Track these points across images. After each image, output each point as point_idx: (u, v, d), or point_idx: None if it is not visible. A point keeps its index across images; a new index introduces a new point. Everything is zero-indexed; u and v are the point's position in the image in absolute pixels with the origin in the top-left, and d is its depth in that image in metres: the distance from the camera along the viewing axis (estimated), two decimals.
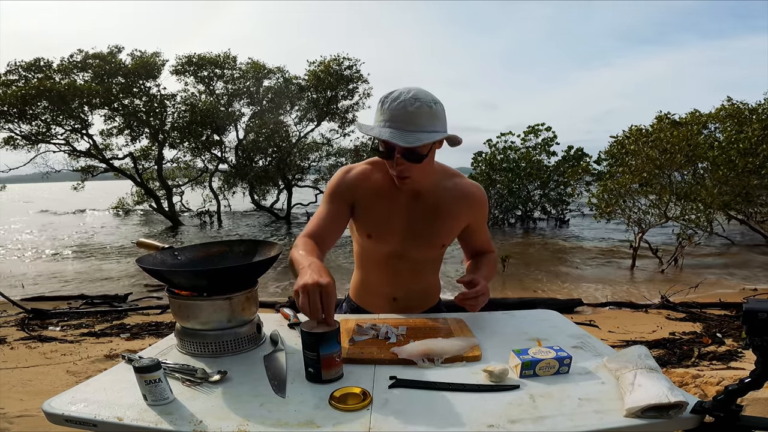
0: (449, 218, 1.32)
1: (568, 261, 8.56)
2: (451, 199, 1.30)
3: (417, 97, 1.14)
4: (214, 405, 0.85)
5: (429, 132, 1.15)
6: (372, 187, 1.30)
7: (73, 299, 5.69)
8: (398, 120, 1.13)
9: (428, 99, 1.15)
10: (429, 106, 1.14)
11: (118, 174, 15.16)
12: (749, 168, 7.10)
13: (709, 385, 2.35)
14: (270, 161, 15.01)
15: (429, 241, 1.33)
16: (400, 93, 1.15)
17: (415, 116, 1.13)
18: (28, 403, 2.42)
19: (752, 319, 0.71)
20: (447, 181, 1.32)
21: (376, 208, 1.30)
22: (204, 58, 14.20)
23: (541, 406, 0.83)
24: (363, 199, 1.31)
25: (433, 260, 1.42)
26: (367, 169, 1.33)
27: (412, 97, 1.13)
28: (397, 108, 1.13)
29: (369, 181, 1.31)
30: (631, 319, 4.41)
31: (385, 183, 1.30)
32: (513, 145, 13.18)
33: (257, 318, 1.17)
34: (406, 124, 1.13)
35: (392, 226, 1.31)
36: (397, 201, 1.30)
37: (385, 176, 1.30)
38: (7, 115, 12.41)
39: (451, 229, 1.35)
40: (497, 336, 1.18)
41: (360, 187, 1.31)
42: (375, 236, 1.33)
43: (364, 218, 1.33)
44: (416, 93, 1.15)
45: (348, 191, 1.31)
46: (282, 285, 6.73)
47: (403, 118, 1.13)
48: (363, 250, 1.41)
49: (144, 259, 1.16)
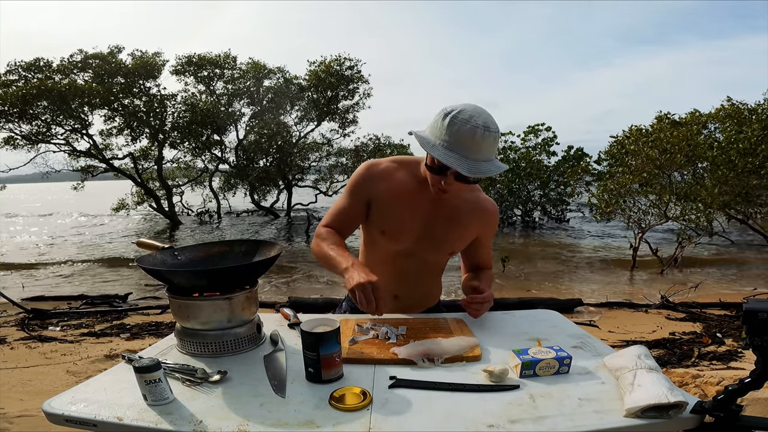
0: (462, 227, 1.34)
1: (568, 261, 8.56)
2: (467, 210, 1.33)
3: (487, 126, 1.10)
4: (214, 405, 0.85)
5: (491, 161, 1.14)
6: (394, 186, 1.30)
7: (73, 299, 5.68)
8: (465, 146, 1.10)
9: (495, 127, 1.13)
10: (495, 137, 1.12)
11: (118, 174, 15.15)
12: (749, 168, 7.09)
13: (709, 385, 2.35)
14: (270, 161, 15.00)
15: (441, 246, 1.35)
16: (470, 116, 1.10)
17: (484, 145, 1.11)
18: (28, 403, 2.42)
19: (752, 319, 0.72)
20: (468, 192, 1.34)
21: (394, 207, 1.31)
22: (204, 58, 14.19)
23: (541, 406, 0.83)
24: (382, 196, 1.31)
25: (439, 264, 1.45)
26: (391, 167, 1.33)
27: (483, 125, 1.09)
28: (467, 133, 1.09)
29: (392, 179, 1.31)
30: (631, 319, 4.41)
31: (407, 184, 1.30)
32: (513, 145, 13.17)
33: (257, 318, 1.17)
34: (472, 151, 1.10)
35: (408, 227, 1.32)
36: (416, 203, 1.30)
37: (409, 177, 1.31)
38: (7, 115, 12.39)
39: (462, 238, 1.37)
40: (497, 336, 1.18)
41: (381, 185, 1.31)
42: (389, 234, 1.34)
43: (381, 215, 1.33)
44: (486, 120, 1.11)
45: (368, 188, 1.31)
46: (282, 285, 6.73)
47: (470, 144, 1.10)
48: (372, 244, 1.41)
49: (144, 259, 1.16)
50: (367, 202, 1.33)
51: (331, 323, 0.95)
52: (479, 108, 1.13)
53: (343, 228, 1.36)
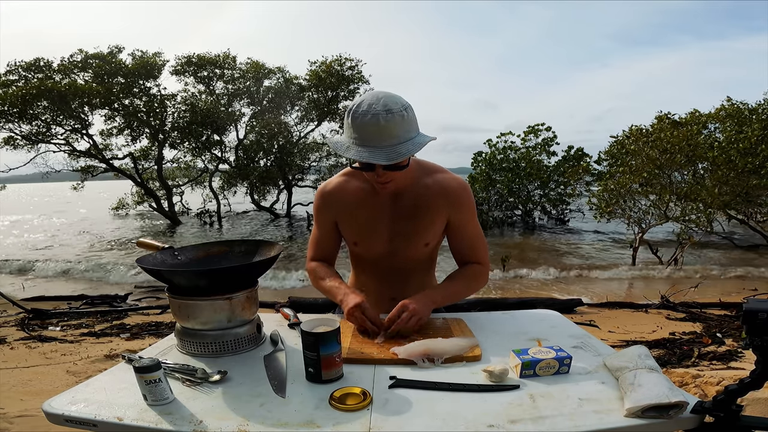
0: (429, 215, 1.29)
1: (568, 261, 8.55)
2: (430, 196, 1.28)
3: (388, 108, 1.08)
4: (214, 405, 0.85)
5: (407, 141, 1.11)
6: (350, 197, 1.31)
7: (73, 299, 5.68)
8: (373, 136, 1.08)
9: (399, 107, 1.10)
10: (402, 116, 1.09)
11: (118, 174, 15.15)
12: (749, 168, 7.09)
13: (709, 385, 2.34)
14: (270, 161, 15.00)
15: (413, 240, 1.32)
16: (369, 105, 1.08)
17: (391, 128, 1.08)
18: (28, 403, 2.42)
19: (752, 319, 0.71)
20: (427, 178, 1.29)
21: (358, 216, 1.32)
22: (204, 58, 14.18)
23: (541, 406, 0.83)
24: (344, 211, 1.33)
25: (423, 260, 1.40)
26: (342, 181, 1.34)
27: (383, 109, 1.07)
28: (370, 123, 1.07)
29: (346, 192, 1.32)
30: (631, 319, 4.40)
31: (362, 191, 1.31)
32: (513, 145, 13.17)
33: (257, 318, 1.17)
34: (382, 138, 1.09)
35: (375, 231, 1.32)
36: (377, 205, 1.30)
37: (362, 184, 1.31)
38: (7, 115, 12.38)
39: (432, 226, 1.30)
40: (497, 336, 1.18)
41: (339, 201, 1.32)
42: (361, 244, 1.36)
43: (348, 228, 1.35)
44: (386, 101, 1.08)
45: (329, 209, 1.34)
46: (282, 285, 6.73)
47: (379, 133, 1.08)
48: (354, 256, 1.43)
49: (144, 259, 1.16)
50: (333, 223, 1.36)
51: (331, 323, 0.95)
52: (378, 93, 1.11)
53: (326, 255, 1.41)
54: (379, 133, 1.08)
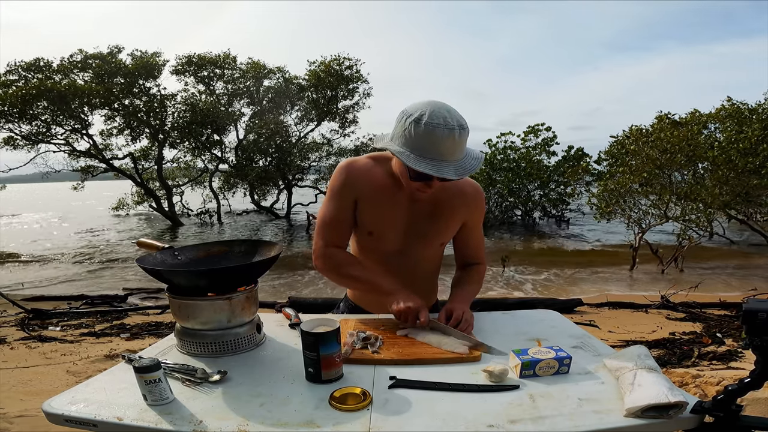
0: (447, 216, 1.31)
1: (568, 261, 8.55)
2: (448, 197, 1.29)
3: (462, 124, 1.08)
4: (214, 405, 0.85)
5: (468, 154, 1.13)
6: (374, 183, 1.27)
7: (73, 299, 5.68)
8: (447, 151, 1.08)
9: (466, 122, 1.10)
10: (468, 132, 1.10)
11: (118, 174, 15.15)
12: (749, 168, 7.09)
13: (709, 385, 2.34)
14: (270, 161, 15.00)
15: (429, 239, 1.33)
16: (443, 118, 1.06)
17: (462, 144, 1.10)
18: (28, 403, 2.42)
19: (752, 319, 0.72)
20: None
21: (377, 205, 1.28)
22: (204, 58, 14.18)
23: (541, 406, 0.83)
24: (365, 195, 1.28)
25: (433, 259, 1.41)
26: (369, 164, 1.29)
27: (458, 126, 1.07)
28: (445, 138, 1.06)
29: (371, 176, 1.27)
30: (631, 319, 4.41)
31: (386, 180, 1.27)
32: (513, 145, 13.18)
33: (257, 318, 1.17)
34: (454, 154, 1.09)
35: (393, 224, 1.30)
36: (397, 199, 1.28)
37: (387, 173, 1.28)
38: (7, 115, 12.39)
39: (448, 227, 1.33)
40: (497, 336, 1.18)
41: (362, 183, 1.27)
42: (376, 234, 1.32)
43: (366, 215, 1.30)
44: (458, 118, 1.08)
45: (353, 186, 1.27)
46: (282, 285, 6.73)
47: (451, 148, 1.08)
48: (362, 247, 1.38)
49: (144, 259, 1.16)
50: (353, 203, 1.29)
51: (331, 323, 0.95)
52: (442, 104, 1.10)
53: (344, 239, 1.32)
54: (453, 148, 1.08)
